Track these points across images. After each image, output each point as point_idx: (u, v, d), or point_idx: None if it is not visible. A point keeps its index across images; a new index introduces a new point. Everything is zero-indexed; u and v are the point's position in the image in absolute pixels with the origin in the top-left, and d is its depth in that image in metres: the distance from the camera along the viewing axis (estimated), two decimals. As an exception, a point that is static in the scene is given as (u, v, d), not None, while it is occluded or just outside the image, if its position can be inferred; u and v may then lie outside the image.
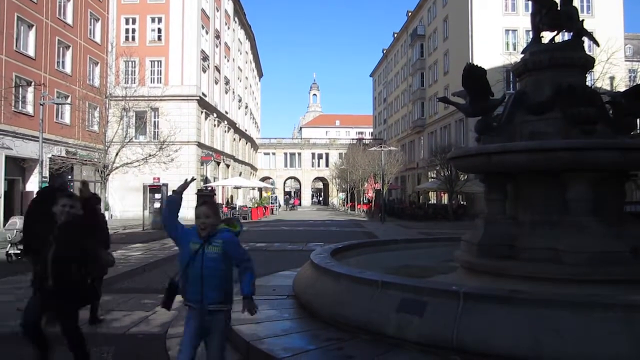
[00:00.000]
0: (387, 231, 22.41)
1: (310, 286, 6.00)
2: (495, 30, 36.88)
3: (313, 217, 38.28)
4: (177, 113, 30.85)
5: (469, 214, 34.30)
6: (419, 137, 51.46)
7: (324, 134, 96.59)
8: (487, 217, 6.45)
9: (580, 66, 6.48)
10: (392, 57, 65.51)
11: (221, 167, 40.68)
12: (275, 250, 14.71)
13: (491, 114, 6.51)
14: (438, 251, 8.84)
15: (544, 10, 6.69)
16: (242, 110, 52.91)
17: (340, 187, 59.24)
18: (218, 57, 40.08)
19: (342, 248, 8.35)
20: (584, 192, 5.64)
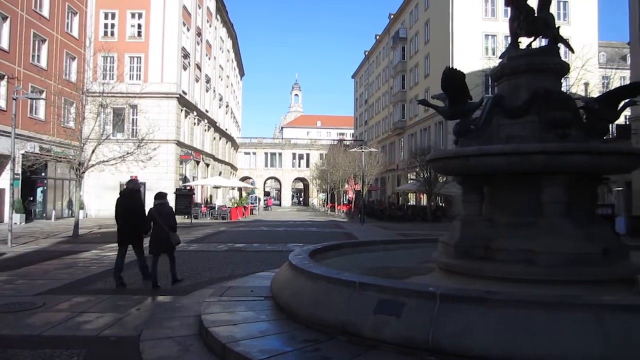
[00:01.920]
0: (366, 232, 22.49)
1: (288, 287, 5.97)
2: (475, 35, 37.42)
3: (293, 218, 38.21)
4: (157, 111, 30.41)
5: (447, 215, 34.70)
6: (399, 139, 51.86)
7: (305, 135, 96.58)
8: (464, 219, 6.52)
9: (556, 72, 6.61)
10: (374, 59, 65.87)
11: (200, 166, 40.28)
12: (254, 250, 14.62)
13: (469, 117, 6.59)
14: (416, 252, 8.88)
15: (521, 16, 6.80)
16: (223, 109, 52.50)
17: (320, 187, 59.29)
18: (199, 54, 39.69)
19: (321, 249, 8.34)
20: (558, 194, 5.75)
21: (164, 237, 8.31)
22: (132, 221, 8.58)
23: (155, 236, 8.37)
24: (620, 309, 3.95)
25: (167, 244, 8.37)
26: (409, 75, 49.40)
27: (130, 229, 8.60)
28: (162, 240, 8.32)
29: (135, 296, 7.51)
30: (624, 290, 5.66)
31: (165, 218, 8.41)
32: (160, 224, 8.31)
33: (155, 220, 8.36)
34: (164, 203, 8.80)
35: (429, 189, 33.23)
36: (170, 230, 8.37)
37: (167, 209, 8.75)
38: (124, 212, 8.63)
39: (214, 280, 8.77)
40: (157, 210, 8.49)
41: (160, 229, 8.31)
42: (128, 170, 20.94)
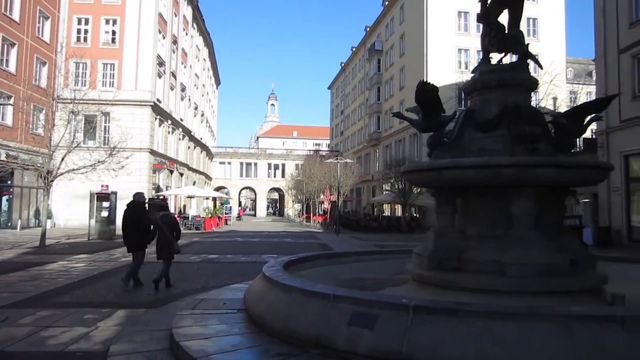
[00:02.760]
0: (341, 243, 22.51)
1: (262, 299, 5.91)
2: (449, 49, 38.19)
3: (268, 228, 37.97)
4: (130, 118, 29.94)
5: (421, 226, 35.04)
6: (375, 150, 52.29)
7: (281, 145, 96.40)
8: (437, 231, 6.59)
9: (526, 87, 6.79)
10: (350, 70, 66.48)
11: (174, 175, 39.73)
12: (227, 262, 14.43)
13: (443, 130, 6.69)
14: (390, 263, 8.93)
15: (493, 33, 6.99)
16: (198, 117, 52.06)
17: (296, 198, 59.16)
18: (175, 62, 39.35)
19: (296, 260, 8.29)
20: (527, 206, 5.87)
21: (167, 245, 9.25)
22: (136, 230, 9.44)
23: (161, 242, 9.29)
24: (589, 319, 4.04)
25: (169, 251, 9.31)
26: (384, 87, 50.01)
27: (135, 237, 9.47)
28: (165, 247, 9.26)
29: (104, 309, 7.31)
30: (591, 301, 5.80)
31: (169, 227, 9.35)
32: (166, 232, 9.25)
33: (162, 229, 9.28)
34: (168, 214, 9.94)
35: (404, 200, 33.56)
36: (173, 239, 9.34)
37: (170, 219, 9.71)
38: (131, 222, 9.50)
39: (186, 293, 8.62)
40: (163, 220, 9.42)
41: (165, 237, 9.25)
42: (99, 179, 20.50)
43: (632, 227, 20.20)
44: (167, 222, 9.43)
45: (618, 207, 20.59)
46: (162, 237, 9.31)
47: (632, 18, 20.33)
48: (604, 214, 21.49)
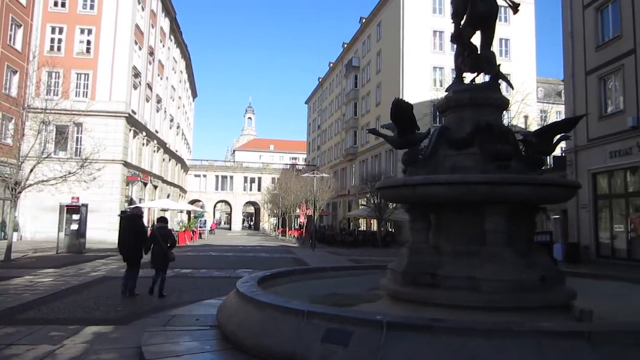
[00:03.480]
0: (317, 258, 22.43)
1: (235, 316, 5.82)
2: (424, 67, 38.96)
3: (243, 243, 37.60)
4: (103, 130, 29.43)
5: (397, 241, 35.26)
6: (351, 165, 52.59)
7: (258, 158, 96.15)
8: (411, 246, 6.64)
9: (497, 106, 6.97)
10: (328, 85, 67.03)
11: (148, 188, 39.09)
12: (201, 277, 14.20)
13: (417, 146, 6.79)
14: (365, 279, 8.93)
15: (465, 53, 7.18)
16: (174, 130, 51.53)
17: (272, 212, 58.88)
18: (151, 74, 38.99)
19: (270, 276, 8.23)
20: (499, 223, 5.98)
21: (162, 254, 9.86)
22: (133, 242, 10.03)
23: (156, 253, 9.90)
24: (558, 335, 4.13)
25: (164, 260, 9.92)
26: (361, 102, 50.54)
27: (131, 248, 10.05)
28: (160, 257, 9.86)
29: (72, 326, 7.07)
30: (561, 316, 5.91)
31: (164, 238, 10.06)
32: (161, 243, 9.90)
33: (158, 240, 9.93)
34: (164, 226, 10.55)
35: (379, 215, 33.75)
36: (168, 249, 10.00)
37: (166, 231, 10.36)
38: (127, 234, 10.22)
39: (157, 309, 8.43)
40: (159, 231, 10.10)
41: (161, 247, 9.88)
42: (69, 190, 20.02)
43: (599, 243, 20.75)
44: (163, 234, 10.11)
45: (586, 223, 21.15)
46: (157, 247, 9.92)
47: (599, 41, 21.14)
48: (573, 230, 22.04)
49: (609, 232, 20.51)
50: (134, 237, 10.07)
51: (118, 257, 19.78)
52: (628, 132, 18.86)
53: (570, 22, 22.94)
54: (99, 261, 17.93)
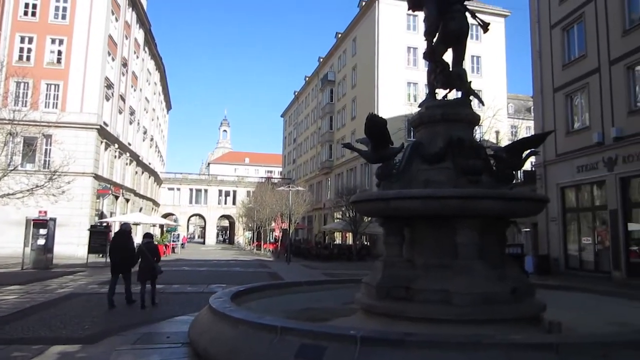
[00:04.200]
0: (292, 272, 22.29)
1: (208, 332, 5.73)
2: (399, 82, 39.60)
3: (217, 257, 37.10)
4: (74, 142, 28.79)
5: (372, 254, 35.35)
6: (327, 178, 52.74)
7: (233, 171, 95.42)
8: (385, 260, 6.67)
9: (469, 122, 7.12)
10: (303, 99, 67.36)
11: (120, 201, 38.30)
12: (173, 292, 13.91)
13: (391, 161, 6.87)
14: (340, 293, 8.92)
15: (438, 70, 7.34)
16: (147, 142, 50.80)
17: (247, 225, 58.37)
18: (124, 85, 38.44)
19: (244, 291, 8.14)
20: (471, 236, 6.07)
21: (149, 267, 10.52)
22: (123, 255, 10.76)
23: (143, 266, 10.53)
24: (528, 347, 4.21)
25: (152, 273, 10.60)
26: (336, 116, 50.92)
27: (121, 261, 10.74)
28: (148, 270, 10.54)
29: (35, 346, 6.81)
30: (531, 328, 6.00)
31: (151, 252, 10.79)
32: (148, 257, 10.58)
33: (145, 254, 10.61)
34: (151, 241, 11.41)
35: (355, 228, 33.85)
36: (155, 262, 10.64)
37: (153, 245, 11.24)
38: (117, 248, 10.91)
39: (126, 326, 8.19)
40: (146, 246, 10.85)
41: (148, 260, 10.53)
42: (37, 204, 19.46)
43: (568, 255, 21.25)
44: (150, 249, 10.91)
45: (555, 236, 21.65)
46: (144, 261, 10.58)
47: (565, 60, 21.90)
48: (543, 243, 22.52)
49: (577, 244, 21.03)
50: (124, 251, 10.83)
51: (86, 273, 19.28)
52: (594, 147, 19.49)
53: (538, 42, 23.72)
54: (66, 277, 17.39)
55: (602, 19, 19.59)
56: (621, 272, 17.82)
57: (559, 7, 22.45)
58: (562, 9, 22.17)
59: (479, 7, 38.98)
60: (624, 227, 18.09)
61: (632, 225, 18.13)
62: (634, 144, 17.51)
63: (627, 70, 18.28)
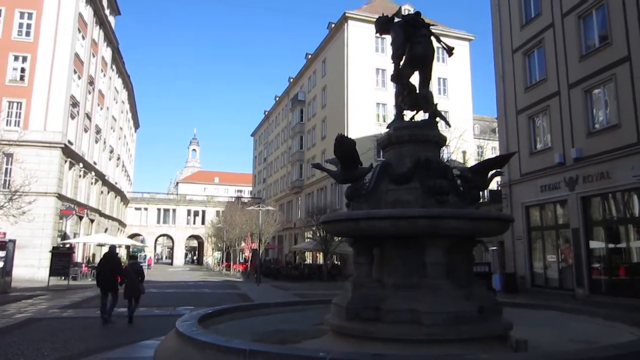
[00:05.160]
0: (262, 293, 22.01)
1: (174, 357, 5.55)
2: (368, 103, 40.24)
3: (185, 278, 36.31)
4: (36, 161, 27.95)
5: (343, 273, 35.29)
6: (297, 198, 52.66)
7: (202, 191, 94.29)
8: (355, 280, 6.67)
9: (435, 142, 7.27)
10: (274, 119, 67.51)
11: (84, 221, 37.17)
12: (138, 315, 13.44)
13: (360, 181, 6.92)
14: (311, 314, 8.83)
15: (405, 92, 7.50)
16: (114, 161, 49.75)
17: (216, 245, 57.49)
18: (90, 104, 37.71)
19: (212, 313, 7.94)
20: (439, 256, 6.14)
21: (135, 286, 11.81)
22: (110, 275, 11.97)
23: (129, 286, 11.77)
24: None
25: (137, 291, 11.89)
26: (306, 136, 51.17)
27: (109, 281, 11.92)
28: (133, 288, 11.79)
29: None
30: (498, 347, 6.07)
31: (137, 273, 12.13)
32: (133, 277, 11.88)
33: (130, 274, 11.95)
34: (136, 262, 13.09)
35: (325, 248, 33.78)
36: (139, 282, 11.97)
37: (138, 267, 12.62)
38: (105, 269, 12.13)
39: (89, 352, 7.89)
40: (132, 267, 12.36)
41: (133, 280, 11.81)
42: (-6, 225, 18.67)
43: (534, 273, 21.75)
44: (136, 269, 12.29)
45: (521, 254, 22.15)
46: (130, 280, 11.81)
47: (527, 83, 22.75)
48: (510, 261, 23.00)
49: (542, 262, 21.57)
50: (113, 272, 12.05)
51: (47, 297, 18.54)
52: (556, 167, 20.18)
53: (501, 65, 24.61)
54: (26, 301, 16.68)
55: (561, 45, 20.51)
56: (584, 289, 18.33)
57: (520, 33, 23.41)
58: (523, 34, 23.13)
59: (444, 31, 40.25)
60: (585, 245, 18.67)
61: (594, 243, 18.75)
62: (593, 164, 18.23)
63: (585, 93, 19.12)
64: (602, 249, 18.49)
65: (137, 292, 11.90)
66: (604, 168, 17.76)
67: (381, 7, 40.92)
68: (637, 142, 16.40)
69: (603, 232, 18.51)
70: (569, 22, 20.13)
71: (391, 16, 7.89)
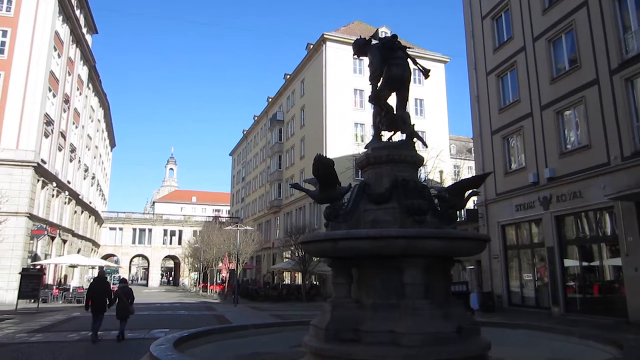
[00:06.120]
0: (239, 314, 21.65)
1: (146, 383, 5.38)
2: (346, 123, 40.59)
3: (160, 300, 35.49)
4: (7, 180, 27.24)
5: (321, 294, 35.03)
6: (276, 217, 52.36)
7: (179, 210, 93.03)
8: (333, 301, 6.61)
9: (413, 163, 7.34)
10: (252, 138, 67.44)
11: (56, 242, 36.17)
12: (111, 339, 13.09)
13: (339, 201, 6.92)
14: (289, 336, 8.69)
15: (382, 113, 7.59)
16: (88, 180, 48.78)
17: (192, 266, 56.52)
18: (65, 122, 37.06)
19: (188, 336, 7.75)
20: (417, 276, 6.14)
21: (125, 307, 12.74)
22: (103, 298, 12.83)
23: (119, 307, 12.73)
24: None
25: (127, 312, 12.78)
26: (285, 155, 51.19)
27: (102, 304, 12.77)
28: (124, 310, 12.73)
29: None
30: (477, 367, 6.06)
31: (126, 295, 12.99)
32: (124, 299, 12.83)
33: (120, 297, 12.89)
34: (126, 285, 13.77)
35: (304, 268, 33.54)
36: (129, 304, 12.87)
37: (127, 290, 13.33)
38: (96, 291, 12.98)
39: None
40: (122, 290, 13.22)
41: (123, 302, 12.78)
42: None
43: (511, 292, 21.95)
44: (125, 292, 13.06)
45: (498, 273, 22.36)
46: (120, 302, 12.74)
47: (501, 105, 23.32)
48: (487, 280, 23.19)
49: (518, 281, 21.81)
50: (104, 294, 12.84)
51: (15, 320, 17.86)
52: (530, 187, 20.59)
53: (476, 87, 25.20)
54: (-8, 326, 16.02)
55: (532, 68, 21.15)
56: (560, 308, 18.57)
57: (493, 56, 24.08)
58: (496, 57, 23.79)
59: (420, 54, 41.17)
60: (560, 264, 18.98)
61: (568, 261, 19.08)
62: (566, 184, 18.67)
63: (557, 115, 19.68)
64: (576, 267, 18.83)
65: (127, 313, 12.74)
66: (577, 187, 18.20)
67: (359, 29, 41.73)
68: (608, 162, 16.88)
69: (577, 250, 18.87)
70: (539, 46, 20.81)
71: (368, 38, 8.02)
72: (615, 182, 16.28)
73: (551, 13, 20.26)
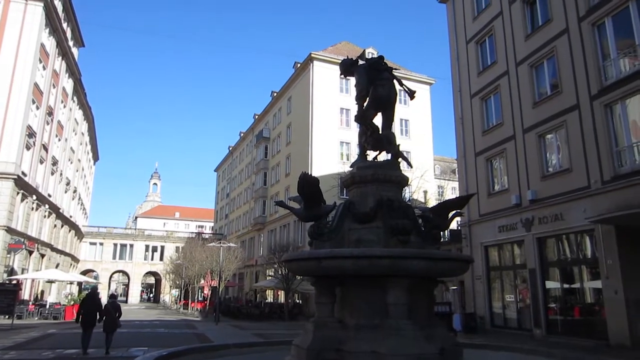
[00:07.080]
0: (220, 333, 21.26)
1: (122, 404, 5.24)
2: (332, 141, 40.79)
3: (140, 317, 34.75)
4: (-15, 192, 26.65)
5: (304, 313, 34.68)
6: (259, 234, 52.01)
7: (162, 226, 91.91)
8: (316, 321, 6.55)
9: (397, 183, 7.40)
10: (238, 154, 67.28)
11: (34, 256, 35.30)
12: (88, 358, 12.75)
13: (324, 219, 6.92)
14: (270, 355, 8.58)
15: (368, 132, 7.67)
16: (70, 194, 47.98)
17: (174, 283, 55.60)
18: (48, 135, 36.53)
19: (167, 355, 7.58)
20: (401, 296, 6.13)
21: (113, 321, 13.40)
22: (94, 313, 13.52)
23: (108, 321, 13.34)
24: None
25: (114, 326, 13.48)
26: (270, 172, 51.10)
27: (93, 318, 13.45)
28: (112, 323, 13.39)
29: None
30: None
31: (115, 310, 13.63)
32: (112, 313, 13.44)
33: (109, 311, 13.47)
34: (115, 301, 14.42)
35: (287, 286, 33.23)
36: (117, 318, 13.57)
37: (116, 305, 14.00)
38: (87, 307, 13.65)
39: None
40: (111, 305, 13.81)
41: (112, 316, 13.40)
42: None
43: (493, 313, 21.97)
44: (114, 307, 13.75)
45: (481, 294, 22.40)
46: (109, 317, 13.37)
47: (485, 127, 23.67)
48: (470, 301, 23.20)
49: (501, 302, 21.86)
50: (95, 310, 13.53)
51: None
52: (513, 208, 20.81)
53: (460, 109, 25.59)
54: (-38, 343, 15.48)
55: (515, 91, 21.59)
56: (541, 330, 18.63)
57: (477, 79, 24.53)
58: (481, 80, 24.25)
59: (406, 75, 41.76)
60: (542, 285, 19.10)
61: (550, 283, 19.21)
62: (548, 206, 18.91)
63: (539, 138, 20.03)
64: (557, 289, 18.96)
65: (115, 326, 13.43)
66: (558, 210, 18.45)
67: (346, 49, 42.22)
68: (588, 185, 17.18)
69: (558, 272, 19.03)
70: (522, 71, 21.27)
71: (355, 59, 8.14)
72: (596, 205, 16.54)
73: (533, 39, 20.78)
